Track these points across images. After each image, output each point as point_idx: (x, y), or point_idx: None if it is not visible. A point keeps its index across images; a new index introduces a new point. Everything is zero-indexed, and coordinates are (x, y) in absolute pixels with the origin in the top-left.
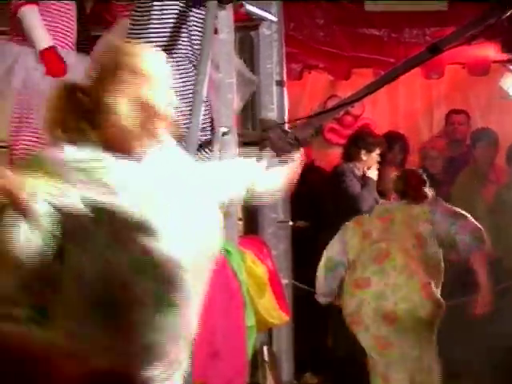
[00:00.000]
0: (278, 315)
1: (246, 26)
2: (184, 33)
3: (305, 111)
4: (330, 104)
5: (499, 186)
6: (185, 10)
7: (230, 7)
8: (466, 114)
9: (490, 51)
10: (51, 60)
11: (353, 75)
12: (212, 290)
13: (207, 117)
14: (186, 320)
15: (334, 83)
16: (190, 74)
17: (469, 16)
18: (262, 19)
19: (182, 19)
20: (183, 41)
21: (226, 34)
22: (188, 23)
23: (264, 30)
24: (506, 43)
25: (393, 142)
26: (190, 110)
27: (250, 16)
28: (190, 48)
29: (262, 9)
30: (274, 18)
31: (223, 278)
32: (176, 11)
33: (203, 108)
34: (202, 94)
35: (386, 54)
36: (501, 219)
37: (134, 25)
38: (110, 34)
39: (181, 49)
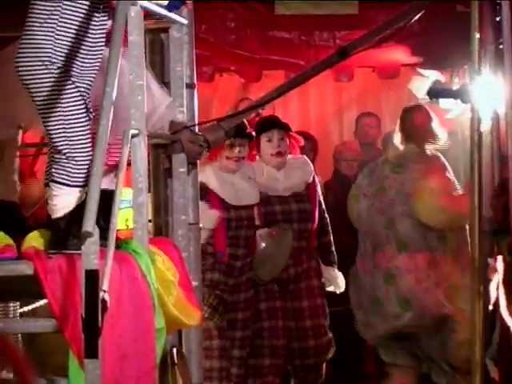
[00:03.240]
0: (194, 315)
1: (156, 28)
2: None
3: (216, 113)
4: (242, 106)
5: None
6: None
7: (139, 9)
8: (376, 117)
9: (399, 54)
10: None
11: (264, 77)
12: (120, 292)
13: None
14: None
15: (246, 85)
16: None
17: (379, 20)
18: (173, 22)
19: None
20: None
21: (136, 36)
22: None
23: (174, 33)
24: (415, 46)
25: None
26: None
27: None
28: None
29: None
30: (185, 21)
31: (132, 280)
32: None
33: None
34: (112, 96)
35: (296, 57)
36: None
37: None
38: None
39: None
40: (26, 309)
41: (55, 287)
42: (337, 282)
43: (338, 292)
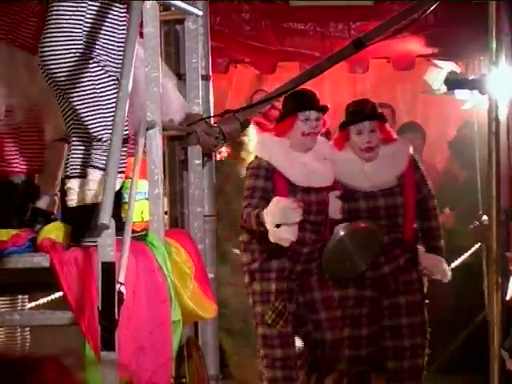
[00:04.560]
0: (209, 307)
1: (172, 19)
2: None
3: (231, 105)
4: (256, 98)
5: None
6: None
7: (154, 1)
8: (391, 108)
9: (414, 45)
10: None
11: (278, 69)
12: (137, 284)
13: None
14: None
15: (260, 77)
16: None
17: (394, 11)
18: (188, 13)
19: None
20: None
21: (152, 28)
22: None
23: (189, 24)
24: (431, 37)
25: None
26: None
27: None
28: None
29: (188, 3)
30: (200, 12)
31: (148, 272)
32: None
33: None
34: (128, 88)
35: (311, 48)
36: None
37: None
38: None
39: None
40: (41, 301)
41: (71, 279)
42: (439, 270)
43: (445, 281)
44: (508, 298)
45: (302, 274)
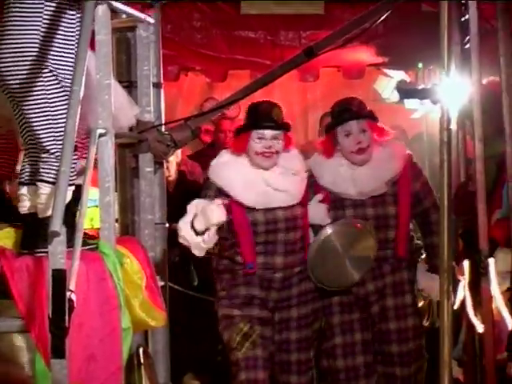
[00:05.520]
0: (159, 316)
1: (123, 27)
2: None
3: (181, 113)
4: (207, 106)
5: None
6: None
7: (107, 8)
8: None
9: (364, 55)
10: None
11: (229, 77)
12: (87, 292)
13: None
14: None
15: (211, 85)
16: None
17: (345, 20)
18: (139, 21)
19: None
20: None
21: (104, 36)
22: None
23: (141, 32)
24: (381, 47)
25: None
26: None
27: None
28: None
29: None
30: (152, 20)
31: (98, 280)
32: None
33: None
34: (79, 94)
35: (262, 56)
36: None
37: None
38: None
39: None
40: None
41: (22, 287)
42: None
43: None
44: (456, 307)
45: (279, 302)
